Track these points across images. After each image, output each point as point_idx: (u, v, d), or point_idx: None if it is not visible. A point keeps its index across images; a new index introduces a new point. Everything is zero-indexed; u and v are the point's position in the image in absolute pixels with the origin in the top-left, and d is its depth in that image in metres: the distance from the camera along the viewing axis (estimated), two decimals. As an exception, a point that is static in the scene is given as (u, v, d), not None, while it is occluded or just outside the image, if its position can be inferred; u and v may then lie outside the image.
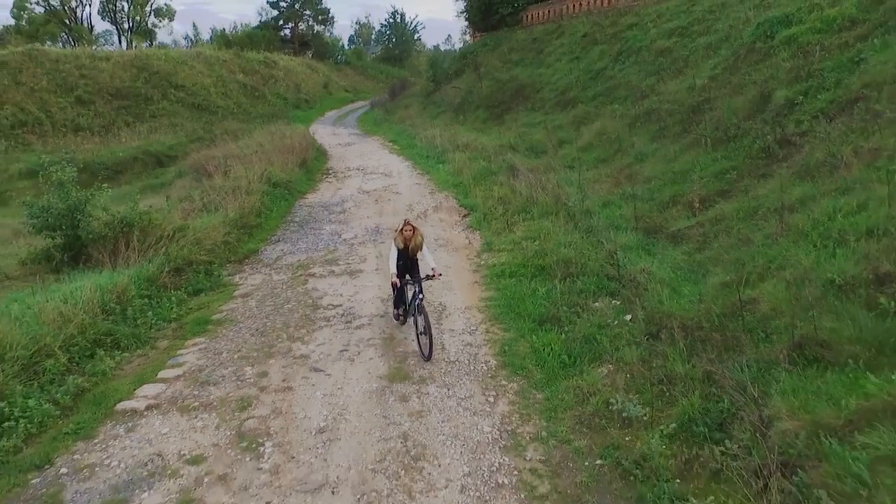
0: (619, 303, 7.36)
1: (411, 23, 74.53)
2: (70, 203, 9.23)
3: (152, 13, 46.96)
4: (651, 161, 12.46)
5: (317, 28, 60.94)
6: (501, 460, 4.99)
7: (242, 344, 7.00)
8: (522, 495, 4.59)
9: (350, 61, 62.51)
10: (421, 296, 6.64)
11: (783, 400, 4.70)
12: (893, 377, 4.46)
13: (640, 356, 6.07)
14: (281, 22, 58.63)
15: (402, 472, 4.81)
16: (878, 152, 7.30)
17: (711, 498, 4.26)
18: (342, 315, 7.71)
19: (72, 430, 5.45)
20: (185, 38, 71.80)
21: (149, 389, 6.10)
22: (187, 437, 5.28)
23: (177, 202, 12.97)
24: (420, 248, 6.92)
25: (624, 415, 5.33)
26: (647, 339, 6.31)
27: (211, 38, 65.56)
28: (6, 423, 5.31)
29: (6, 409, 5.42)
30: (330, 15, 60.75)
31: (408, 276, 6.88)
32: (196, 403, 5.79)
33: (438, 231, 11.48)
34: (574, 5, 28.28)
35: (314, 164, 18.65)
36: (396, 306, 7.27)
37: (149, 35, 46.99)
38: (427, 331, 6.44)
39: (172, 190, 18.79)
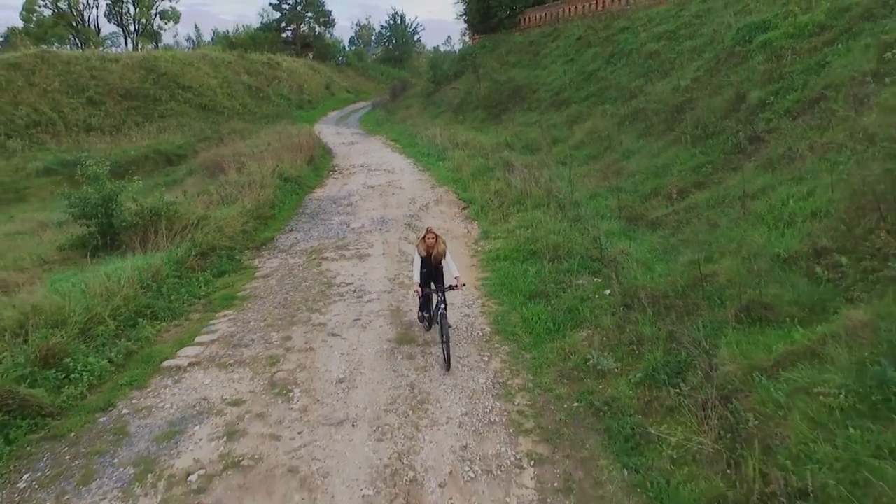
0: (599, 280, 8.29)
1: (411, 24, 75.47)
2: (104, 194, 10.16)
3: (158, 16, 47.97)
4: (637, 157, 13.40)
5: (318, 30, 61.83)
6: (494, 404, 5.91)
7: (267, 315, 7.93)
8: (511, 430, 5.51)
9: (351, 62, 63.42)
10: (443, 306, 6.62)
11: (728, 350, 5.64)
12: (817, 329, 5.40)
13: (614, 322, 6.99)
14: (283, 24, 59.49)
15: (410, 411, 5.74)
16: (829, 146, 8.23)
17: (665, 426, 5.19)
18: (354, 291, 8.64)
19: (127, 382, 6.37)
20: (188, 40, 72.72)
21: (189, 351, 7.02)
22: (227, 386, 6.21)
23: (194, 196, 13.87)
24: (443, 256, 6.89)
25: (598, 368, 6.25)
26: (622, 309, 7.22)
27: (212, 39, 66.59)
28: (73, 375, 6.24)
29: (71, 364, 6.35)
30: (331, 17, 61.70)
31: (432, 285, 6.93)
32: (231, 361, 6.72)
33: (439, 222, 12.41)
34: (570, 9, 29.23)
35: (321, 161, 19.58)
36: (422, 310, 7.29)
37: (154, 37, 47.96)
38: (448, 341, 6.50)
39: (185, 186, 19.64)
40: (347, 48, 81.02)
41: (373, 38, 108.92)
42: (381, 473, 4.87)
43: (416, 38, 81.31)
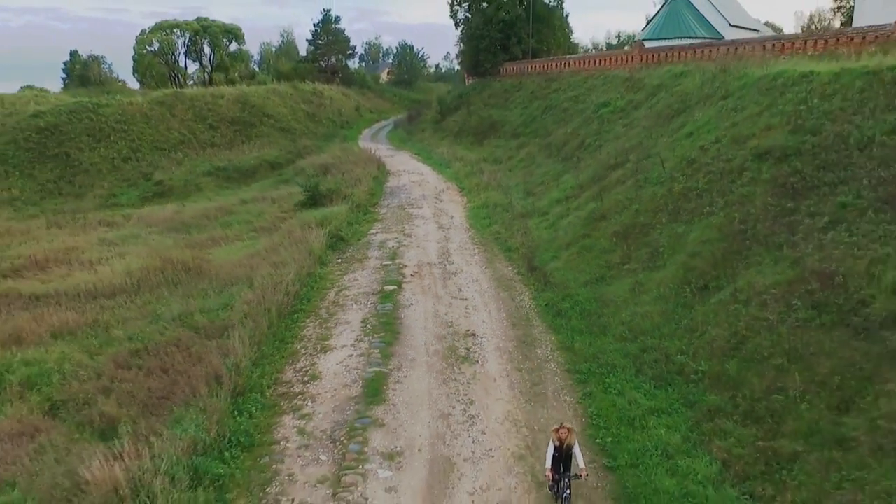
0: (507, 212, 23.28)
1: (419, 53, 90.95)
2: (314, 181, 25.13)
3: (229, 57, 62.72)
4: (541, 167, 28.44)
5: (343, 60, 76.88)
6: (468, 241, 20.83)
7: (393, 222, 22.92)
8: (473, 243, 20.43)
9: (371, 87, 78.38)
10: (568, 492, 7.64)
11: (532, 218, 20.69)
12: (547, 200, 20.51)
13: (508, 221, 21.96)
14: (317, 55, 74.57)
15: (446, 239, 20.69)
16: (594, 159, 23.25)
17: (509, 237, 20.16)
18: (420, 217, 23.65)
19: (361, 235, 21.34)
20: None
21: (372, 230, 22.02)
22: (391, 236, 21.19)
23: (328, 182, 28.75)
24: (573, 445, 7.76)
25: (498, 231, 21.21)
26: (510, 217, 22.18)
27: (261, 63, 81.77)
28: (346, 234, 21.21)
29: (343, 231, 21.30)
30: (355, 50, 76.85)
31: (561, 467, 7.74)
32: (388, 231, 21.72)
33: (449, 196, 27.41)
34: (530, 66, 44.40)
35: (381, 168, 34.58)
36: (552, 480, 7.87)
37: (227, 72, 62.76)
38: None
39: (297, 184, 34.59)
40: (357, 64, 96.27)
41: (381, 54, 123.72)
42: (440, 244, 19.81)
43: (422, 64, 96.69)
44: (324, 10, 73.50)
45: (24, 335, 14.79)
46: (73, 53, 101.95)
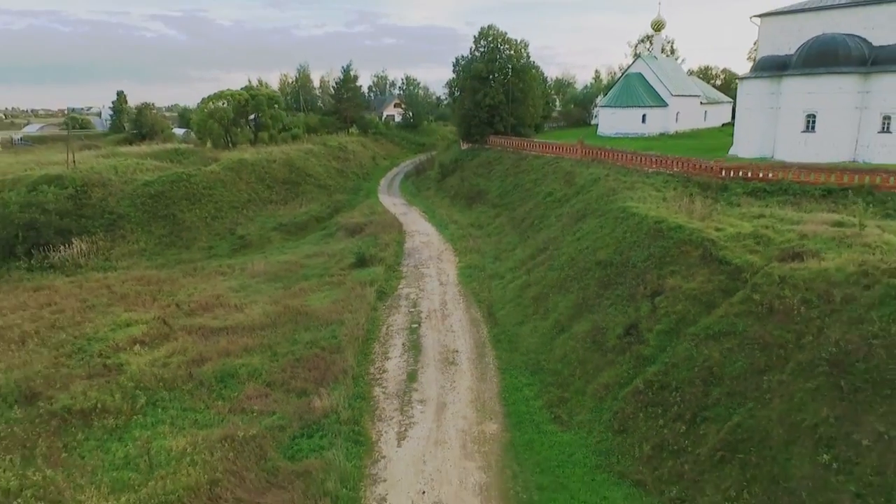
0: (482, 272, 37.89)
1: (424, 95, 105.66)
2: (361, 251, 39.78)
3: (270, 118, 77.45)
4: (510, 235, 43.08)
5: (360, 111, 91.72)
6: (458, 295, 35.47)
7: (412, 279, 37.52)
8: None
9: (382, 132, 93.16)
10: None
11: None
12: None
13: (482, 281, 36.58)
14: (340, 107, 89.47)
15: (444, 292, 35.34)
16: (533, 243, 37.94)
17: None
18: (430, 276, 38.26)
19: (394, 288, 36.00)
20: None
21: (399, 285, 36.65)
22: (413, 289, 35.83)
23: (368, 247, 43.38)
24: None
25: (474, 287, 35.87)
26: (483, 277, 36.80)
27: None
28: (385, 288, 35.92)
29: (384, 286, 36.01)
30: (370, 100, 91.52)
31: None
32: (409, 286, 36.36)
33: (447, 257, 42.05)
34: (508, 143, 59.14)
35: (400, 230, 49.17)
36: None
37: (268, 129, 77.43)
38: None
39: (339, 237, 49.40)
40: (365, 95, 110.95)
41: (387, 84, 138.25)
42: (441, 296, 34.40)
43: (423, 96, 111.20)
44: (343, 68, 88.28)
45: (228, 351, 29.34)
46: (120, 94, 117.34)
